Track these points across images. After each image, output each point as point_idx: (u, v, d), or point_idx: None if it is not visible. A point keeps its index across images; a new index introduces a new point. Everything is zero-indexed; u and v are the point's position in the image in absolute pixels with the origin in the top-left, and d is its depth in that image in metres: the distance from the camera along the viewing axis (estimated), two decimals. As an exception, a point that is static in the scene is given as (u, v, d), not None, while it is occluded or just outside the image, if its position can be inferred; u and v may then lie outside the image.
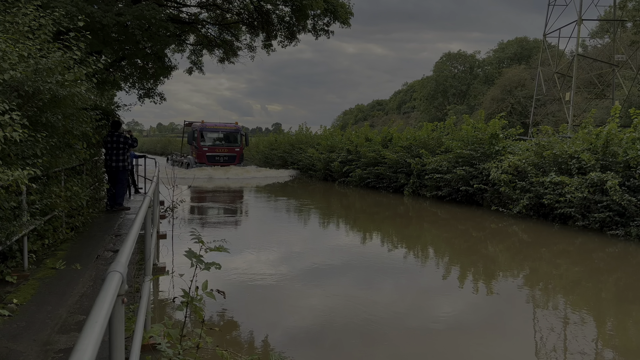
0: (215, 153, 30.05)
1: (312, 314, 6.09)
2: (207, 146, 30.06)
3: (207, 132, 30.50)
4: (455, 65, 68.96)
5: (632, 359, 5.05)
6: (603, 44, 48.26)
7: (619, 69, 39.04)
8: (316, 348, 5.12)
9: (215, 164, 29.85)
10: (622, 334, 5.83)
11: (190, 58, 19.87)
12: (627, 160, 10.76)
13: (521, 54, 62.53)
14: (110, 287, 1.68)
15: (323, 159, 25.13)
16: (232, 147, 30.78)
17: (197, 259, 3.72)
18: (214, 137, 30.79)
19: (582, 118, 35.96)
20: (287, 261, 9.10)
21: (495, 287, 7.74)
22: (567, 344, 5.30)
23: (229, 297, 4.57)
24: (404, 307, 6.51)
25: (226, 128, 31.07)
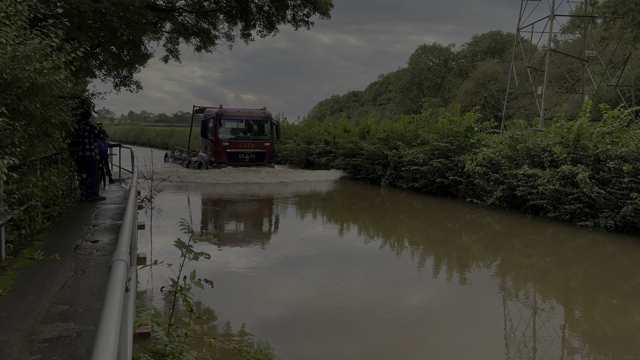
0: (239, 149, 21.83)
1: (285, 304, 6.17)
2: (227, 140, 21.79)
3: (227, 120, 22.16)
4: (430, 58, 69.53)
5: (598, 344, 5.30)
6: (574, 40, 49.33)
7: (589, 64, 40.00)
8: (290, 336, 5.21)
9: (238, 163, 21.74)
10: (590, 321, 6.09)
11: (166, 46, 19.59)
12: (597, 154, 11.12)
13: (495, 47, 63.38)
14: (118, 275, 1.73)
15: (302, 150, 25.17)
16: (260, 140, 22.33)
17: (186, 249, 3.76)
18: (237, 128, 22.60)
19: (553, 112, 36.83)
20: (259, 252, 9.17)
21: (467, 276, 7.96)
22: (536, 332, 5.52)
23: (209, 287, 4.62)
24: (375, 296, 6.65)
25: (252, 115, 22.61)
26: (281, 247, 9.54)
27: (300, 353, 4.80)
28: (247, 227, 11.80)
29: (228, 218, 13.10)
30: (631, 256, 9.23)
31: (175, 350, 3.33)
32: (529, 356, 4.85)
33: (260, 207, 15.01)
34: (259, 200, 16.43)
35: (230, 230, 11.33)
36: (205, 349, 4.02)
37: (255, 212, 13.98)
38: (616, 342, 5.37)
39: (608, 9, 29.72)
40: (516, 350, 4.94)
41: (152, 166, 10.29)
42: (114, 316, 1.34)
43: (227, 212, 14.11)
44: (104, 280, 5.81)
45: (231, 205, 15.07)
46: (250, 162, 21.84)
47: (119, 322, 1.34)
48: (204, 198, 17.16)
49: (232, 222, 12.62)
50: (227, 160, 21.54)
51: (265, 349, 4.01)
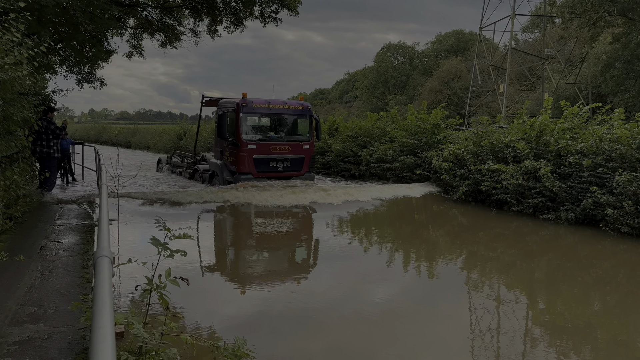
0: (270, 154, 15.28)
1: (250, 303, 6.16)
2: (254, 141, 15.17)
3: (253, 114, 15.90)
4: (395, 56, 70.28)
5: (560, 334, 5.50)
6: (534, 39, 50.77)
7: (548, 62, 41.25)
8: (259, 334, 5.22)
9: (270, 173, 15.28)
10: (552, 311, 6.32)
11: (130, 42, 19.15)
12: (558, 149, 11.51)
13: (458, 46, 64.54)
14: (104, 270, 1.72)
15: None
16: (298, 142, 15.82)
17: (162, 246, 3.72)
18: (266, 125, 16.33)
19: (514, 109, 37.82)
20: (222, 251, 9.12)
21: (432, 270, 8.12)
22: (500, 323, 5.67)
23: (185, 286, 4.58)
24: (341, 292, 6.68)
25: (287, 108, 16.17)
26: (252, 241, 9.50)
27: (277, 350, 4.82)
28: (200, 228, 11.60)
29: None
30: (591, 247, 9.60)
31: (154, 348, 3.30)
32: (493, 348, 4.99)
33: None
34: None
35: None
36: (181, 347, 3.99)
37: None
38: (577, 331, 5.60)
39: (566, 9, 30.69)
40: (481, 342, 5.07)
41: (118, 164, 10.07)
42: (107, 310, 1.34)
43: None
44: (72, 281, 5.68)
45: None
46: (284, 171, 15.17)
47: (112, 315, 1.34)
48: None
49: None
50: (253, 170, 14.65)
51: (242, 345, 4.01)
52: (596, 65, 36.42)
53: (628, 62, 28.91)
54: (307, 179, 15.49)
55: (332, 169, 20.65)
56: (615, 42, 29.98)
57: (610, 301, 6.84)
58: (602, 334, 5.57)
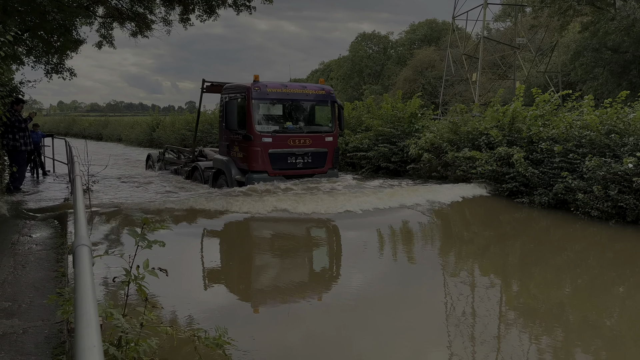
0: (288, 148, 12.79)
1: (226, 292, 6.16)
2: (269, 133, 12.61)
3: (268, 101, 13.07)
4: (370, 46, 70.41)
5: (533, 316, 5.64)
6: (506, 28, 51.44)
7: (519, 51, 41.86)
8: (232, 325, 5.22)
9: (288, 171, 12.84)
10: (526, 294, 6.47)
11: (99, 31, 18.71)
12: (530, 136, 11.74)
13: (431, 35, 64.97)
14: (84, 259, 1.69)
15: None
16: (320, 134, 13.36)
17: (140, 237, 3.67)
18: (283, 113, 13.48)
19: (487, 98, 38.38)
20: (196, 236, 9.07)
21: (409, 253, 8.20)
22: (475, 307, 5.78)
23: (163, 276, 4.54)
24: (317, 281, 6.72)
25: (306, 93, 13.57)
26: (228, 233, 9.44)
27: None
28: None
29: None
30: (562, 230, 9.86)
31: (134, 339, 3.27)
32: (469, 331, 5.09)
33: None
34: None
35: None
36: (161, 338, 3.96)
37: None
38: (549, 312, 5.75)
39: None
40: (455, 326, 5.16)
41: (86, 156, 9.84)
42: (90, 296, 1.32)
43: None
44: (47, 275, 5.57)
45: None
46: (305, 168, 12.82)
47: (95, 301, 1.32)
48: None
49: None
50: (269, 167, 12.27)
51: (223, 333, 4.00)
52: (566, 54, 37.15)
53: (596, 51, 29.58)
54: (331, 176, 13.18)
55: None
56: (584, 30, 30.60)
57: (580, 283, 7.05)
58: (574, 316, 5.74)
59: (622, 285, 6.96)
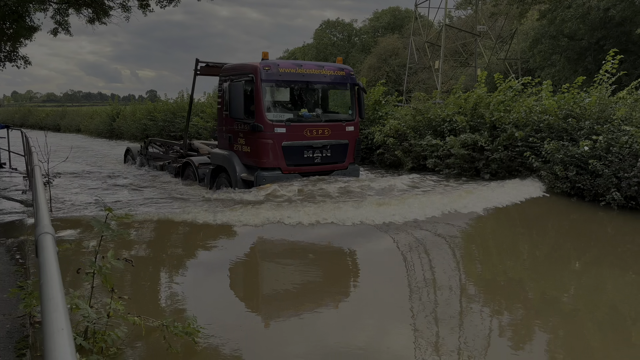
0: (305, 140, 10.65)
1: (199, 285, 6.13)
2: (281, 122, 10.42)
3: (281, 84, 11.00)
4: (334, 33, 70.37)
5: (494, 292, 5.82)
6: (467, 15, 52.22)
7: (480, 38, 42.64)
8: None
9: (305, 167, 10.75)
10: (488, 270, 6.65)
11: (54, 18, 18.01)
12: (493, 122, 12.01)
13: (394, 23, 65.45)
14: (48, 246, 1.65)
15: (210, 127, 24.54)
16: (340, 122, 11.33)
17: (104, 226, 3.60)
18: (297, 98, 11.46)
19: (449, 85, 39.00)
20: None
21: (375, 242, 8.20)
22: (437, 281, 5.91)
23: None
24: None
25: (324, 74, 11.36)
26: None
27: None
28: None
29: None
30: (529, 208, 10.08)
31: (101, 330, 3.21)
32: (430, 308, 5.20)
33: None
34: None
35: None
36: (129, 329, 3.90)
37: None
38: (509, 287, 5.93)
39: (496, -14, 31.72)
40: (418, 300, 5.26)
41: (47, 148, 9.53)
42: (56, 282, 1.29)
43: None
44: (6, 269, 5.40)
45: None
46: (323, 163, 10.90)
47: (62, 286, 1.29)
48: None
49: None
50: (282, 163, 10.37)
51: (192, 322, 3.98)
52: (525, 41, 38.04)
53: (554, 38, 30.40)
54: (352, 174, 11.23)
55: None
56: (541, 18, 31.35)
57: (539, 256, 7.30)
58: (533, 291, 5.94)
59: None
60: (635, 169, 8.81)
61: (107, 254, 3.86)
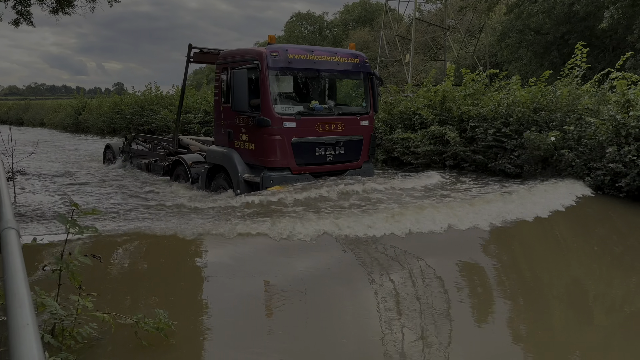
0: (316, 137, 9.50)
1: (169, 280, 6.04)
2: (291, 116, 9.25)
3: (291, 72, 9.85)
4: (305, 26, 70.18)
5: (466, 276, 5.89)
6: (436, 9, 52.78)
7: (449, 32, 43.15)
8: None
9: (317, 167, 9.60)
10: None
11: (15, 8, 17.41)
12: (461, 115, 12.19)
13: (365, 16, 65.66)
14: (12, 242, 1.60)
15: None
16: (354, 116, 10.34)
17: (70, 223, 3.52)
18: (309, 88, 10.38)
19: (420, 78, 39.39)
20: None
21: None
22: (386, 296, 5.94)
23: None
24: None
25: (337, 62, 10.16)
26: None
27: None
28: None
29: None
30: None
31: (70, 328, 3.15)
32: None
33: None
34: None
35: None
36: (99, 326, 3.83)
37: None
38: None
39: (465, -19, 32.12)
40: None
41: (11, 142, 9.26)
42: (20, 277, 1.26)
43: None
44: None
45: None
46: (336, 162, 9.87)
47: (26, 281, 1.26)
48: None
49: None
50: (292, 162, 9.28)
51: (163, 317, 3.94)
52: (493, 35, 38.68)
53: (520, 32, 31.00)
54: (366, 173, 10.18)
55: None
56: (509, 12, 31.93)
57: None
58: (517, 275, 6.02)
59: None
60: (604, 160, 9.13)
61: (74, 250, 3.79)
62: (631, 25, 21.94)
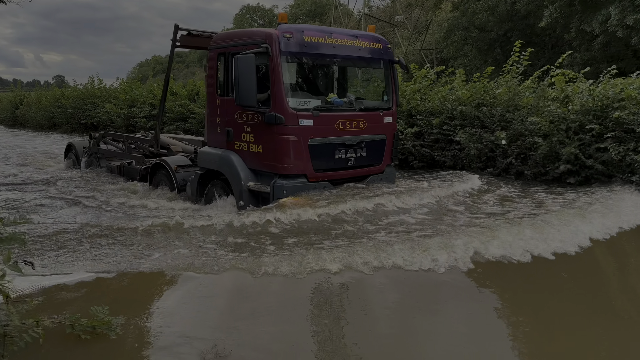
0: (336, 137, 7.78)
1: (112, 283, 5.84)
2: (307, 112, 7.50)
3: (307, 58, 8.06)
4: (254, 19, 69.38)
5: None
6: (385, 5, 53.43)
7: (398, 28, 43.80)
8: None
9: (336, 173, 7.95)
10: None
11: (-58, -6, 16.27)
12: (410, 110, 12.39)
13: (315, 11, 65.60)
14: None
15: (123, 115, 23.36)
16: (376, 111, 8.43)
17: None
18: (327, 77, 8.95)
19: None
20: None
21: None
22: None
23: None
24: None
25: (359, 47, 8.25)
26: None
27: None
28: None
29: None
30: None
31: (14, 331, 2.97)
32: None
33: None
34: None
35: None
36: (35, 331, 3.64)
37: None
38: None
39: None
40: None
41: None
42: None
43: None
44: None
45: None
46: (357, 166, 8.25)
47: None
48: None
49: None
50: (309, 168, 7.63)
51: (102, 313, 3.79)
52: (439, 32, 39.58)
53: (465, 29, 31.87)
54: (389, 179, 8.74)
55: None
56: (454, 10, 32.75)
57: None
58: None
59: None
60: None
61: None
62: (568, 24, 22.96)
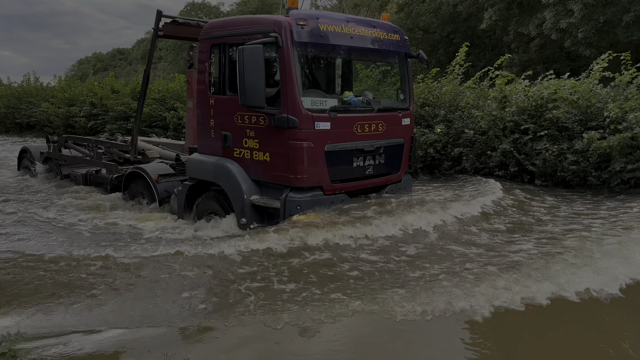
0: (354, 142, 6.67)
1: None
2: (323, 113, 6.36)
3: (324, 51, 6.84)
4: (200, 16, 68.00)
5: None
6: (332, 5, 53.75)
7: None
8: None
9: (354, 183, 6.86)
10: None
11: None
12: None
13: (262, 9, 65.10)
14: None
15: (62, 114, 22.36)
16: (395, 112, 7.34)
17: None
18: (342, 74, 7.84)
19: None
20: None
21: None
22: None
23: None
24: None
25: (376, 38, 7.10)
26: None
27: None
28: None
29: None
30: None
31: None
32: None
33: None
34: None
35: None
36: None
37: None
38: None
39: (358, -22, 33.04)
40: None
41: None
42: None
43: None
44: None
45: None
46: (375, 175, 7.17)
47: None
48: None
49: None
50: (325, 178, 6.50)
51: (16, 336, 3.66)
52: (385, 32, 40.21)
53: (410, 31, 32.51)
54: (406, 188, 7.81)
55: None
56: (399, 11, 33.40)
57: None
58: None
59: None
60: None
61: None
62: (507, 26, 23.93)
